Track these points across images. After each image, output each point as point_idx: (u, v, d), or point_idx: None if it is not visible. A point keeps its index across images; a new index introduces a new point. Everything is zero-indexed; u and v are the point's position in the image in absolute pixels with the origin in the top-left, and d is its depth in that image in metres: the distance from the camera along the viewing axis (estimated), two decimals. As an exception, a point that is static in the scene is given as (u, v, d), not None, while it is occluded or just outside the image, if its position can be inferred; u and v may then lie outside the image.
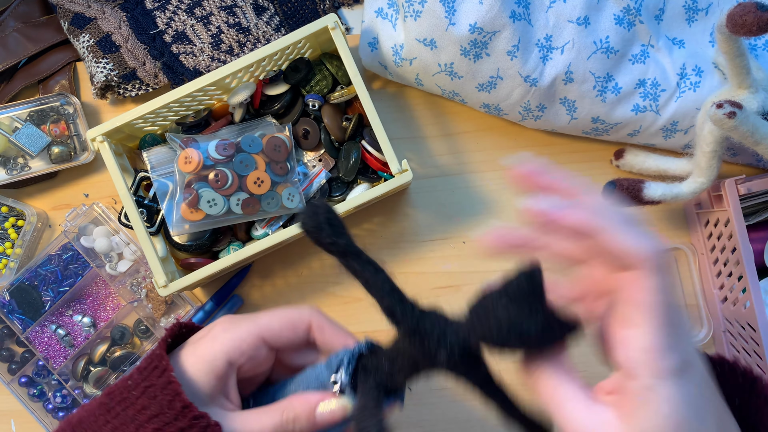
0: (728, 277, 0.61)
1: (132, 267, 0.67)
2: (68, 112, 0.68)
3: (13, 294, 0.67)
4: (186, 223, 0.60)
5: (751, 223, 0.61)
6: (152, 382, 0.41)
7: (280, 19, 0.69)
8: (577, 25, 0.59)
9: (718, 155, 0.55)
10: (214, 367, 0.42)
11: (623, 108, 0.61)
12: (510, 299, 0.35)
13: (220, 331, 0.44)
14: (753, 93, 0.54)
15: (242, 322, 0.45)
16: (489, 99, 0.62)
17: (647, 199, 0.57)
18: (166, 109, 0.61)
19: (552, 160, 0.68)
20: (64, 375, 0.67)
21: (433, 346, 0.39)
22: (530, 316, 0.34)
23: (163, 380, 0.40)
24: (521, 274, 0.34)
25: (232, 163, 0.60)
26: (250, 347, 0.43)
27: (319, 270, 0.68)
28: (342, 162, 0.64)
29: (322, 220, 0.38)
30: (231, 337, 0.43)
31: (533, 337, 0.35)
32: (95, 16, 0.69)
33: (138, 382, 0.42)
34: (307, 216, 0.38)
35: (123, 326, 0.68)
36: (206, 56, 0.67)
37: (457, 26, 0.57)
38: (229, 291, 0.67)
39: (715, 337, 0.65)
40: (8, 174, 0.68)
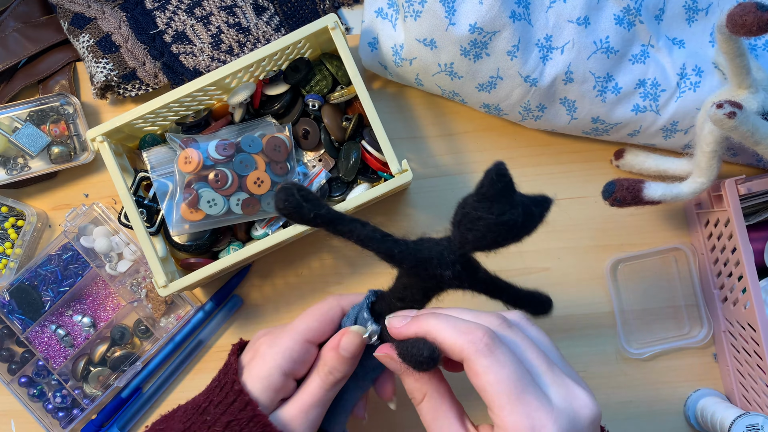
0: (728, 277, 0.61)
1: (132, 267, 0.67)
2: (68, 112, 0.68)
3: (13, 294, 0.67)
4: (186, 223, 0.60)
5: (751, 223, 0.61)
6: (235, 416, 0.45)
7: (280, 19, 0.69)
8: (577, 25, 0.59)
9: (718, 155, 0.55)
10: (270, 383, 0.46)
11: (623, 108, 0.61)
12: (490, 200, 0.38)
13: (266, 348, 0.47)
14: (753, 93, 0.54)
15: (283, 334, 0.48)
16: (489, 99, 0.62)
17: (647, 199, 0.57)
18: (166, 109, 0.61)
19: (552, 160, 0.68)
20: (64, 375, 0.67)
21: (437, 269, 0.42)
22: (513, 207, 0.38)
23: (247, 414, 0.44)
24: (491, 173, 0.37)
25: (232, 163, 0.60)
26: (300, 354, 0.47)
27: (319, 270, 0.68)
28: (342, 162, 0.64)
29: (299, 198, 0.40)
30: (279, 351, 0.47)
31: (520, 224, 0.38)
32: (95, 16, 0.69)
33: (217, 418, 0.45)
34: (282, 199, 0.40)
35: (123, 326, 0.68)
36: (206, 56, 0.67)
37: (457, 26, 0.57)
38: (229, 291, 0.67)
39: (715, 337, 0.65)
40: (8, 174, 0.68)
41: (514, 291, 0.47)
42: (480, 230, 0.39)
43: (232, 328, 0.68)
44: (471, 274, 0.43)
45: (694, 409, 0.64)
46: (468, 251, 0.42)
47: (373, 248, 0.42)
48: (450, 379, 0.45)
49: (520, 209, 0.38)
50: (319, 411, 0.46)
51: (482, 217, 0.38)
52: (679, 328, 0.67)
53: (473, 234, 0.39)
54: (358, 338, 0.46)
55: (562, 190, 0.68)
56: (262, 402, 0.45)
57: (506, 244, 0.40)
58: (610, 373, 0.66)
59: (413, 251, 0.42)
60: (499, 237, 0.39)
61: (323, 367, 0.46)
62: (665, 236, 0.67)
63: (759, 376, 0.58)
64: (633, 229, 0.67)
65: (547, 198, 0.41)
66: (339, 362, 0.46)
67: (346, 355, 0.46)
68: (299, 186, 0.40)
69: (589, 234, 0.67)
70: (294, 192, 0.39)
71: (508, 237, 0.39)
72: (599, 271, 0.67)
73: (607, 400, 0.66)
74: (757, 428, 0.56)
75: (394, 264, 0.43)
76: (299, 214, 0.40)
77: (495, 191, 0.37)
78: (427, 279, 0.43)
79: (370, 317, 0.46)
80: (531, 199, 0.40)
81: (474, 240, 0.39)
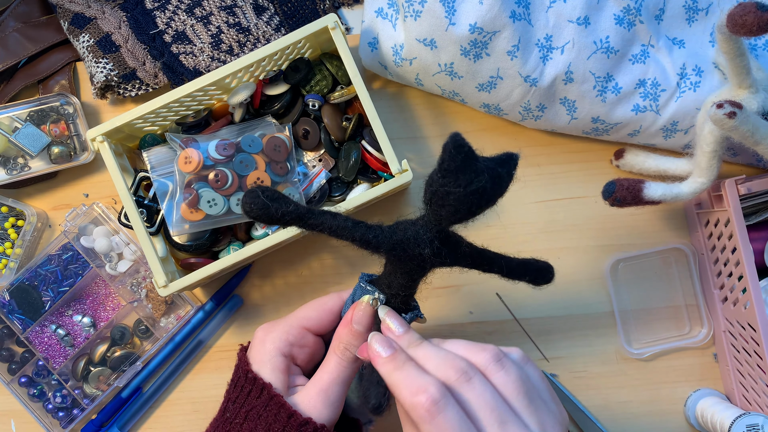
0: (728, 277, 0.61)
1: (132, 267, 0.67)
2: (68, 112, 0.68)
3: (13, 294, 0.67)
4: (186, 223, 0.60)
5: (751, 223, 0.61)
6: (253, 404, 0.45)
7: (280, 19, 0.69)
8: (577, 25, 0.59)
9: (718, 155, 0.55)
10: (275, 365, 0.47)
11: (623, 108, 0.61)
12: (454, 173, 0.37)
13: (263, 335, 0.49)
14: (753, 93, 0.54)
15: (281, 321, 0.50)
16: (489, 99, 0.62)
17: (647, 199, 0.57)
18: (166, 109, 0.61)
19: (552, 160, 0.68)
20: (64, 375, 0.67)
21: (415, 249, 0.42)
22: (478, 174, 0.38)
23: (264, 398, 0.45)
24: (449, 147, 0.37)
25: (232, 163, 0.60)
26: (295, 337, 0.48)
27: (319, 270, 0.68)
28: (342, 162, 0.64)
29: (265, 199, 0.40)
30: (276, 335, 0.48)
31: (489, 189, 0.38)
32: (95, 16, 0.69)
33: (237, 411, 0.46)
34: (248, 203, 0.40)
35: (123, 326, 0.68)
36: (206, 56, 0.67)
37: (457, 26, 0.57)
38: (229, 291, 0.67)
39: (715, 337, 0.65)
40: (8, 174, 0.68)
41: (506, 261, 0.47)
42: (452, 204, 0.39)
43: (232, 328, 0.68)
44: (452, 249, 0.43)
45: (694, 409, 0.64)
46: (445, 227, 0.42)
47: (348, 237, 0.42)
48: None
49: (486, 175, 0.38)
50: (339, 389, 0.46)
51: (451, 191, 0.38)
52: (679, 328, 0.67)
53: (446, 210, 0.39)
54: (368, 307, 0.46)
55: (562, 190, 0.68)
56: (274, 384, 0.46)
57: (482, 211, 0.40)
58: (610, 373, 0.66)
59: (389, 235, 0.42)
60: (473, 206, 0.39)
61: (338, 345, 0.47)
62: (665, 236, 0.67)
63: (759, 376, 0.58)
64: (633, 229, 0.67)
65: (512, 155, 0.41)
66: (353, 336, 0.46)
67: (359, 328, 0.46)
68: (263, 188, 0.41)
69: (589, 234, 0.67)
70: (259, 194, 0.40)
71: (482, 204, 0.40)
72: (599, 271, 0.67)
73: (607, 400, 0.66)
74: (757, 428, 0.56)
75: (373, 250, 0.43)
76: (267, 215, 0.40)
77: (457, 164, 0.37)
78: (407, 261, 0.43)
79: (374, 288, 0.46)
80: (495, 161, 0.40)
81: (448, 215, 0.40)
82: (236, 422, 0.45)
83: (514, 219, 0.68)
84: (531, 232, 0.67)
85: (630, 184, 0.57)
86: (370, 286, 0.47)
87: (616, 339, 0.66)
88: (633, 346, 0.66)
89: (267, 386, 0.45)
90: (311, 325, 0.49)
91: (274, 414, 0.44)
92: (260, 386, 0.45)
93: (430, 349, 0.42)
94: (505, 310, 0.67)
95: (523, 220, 0.67)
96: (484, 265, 0.46)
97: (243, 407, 0.45)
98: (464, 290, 0.67)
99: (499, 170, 0.40)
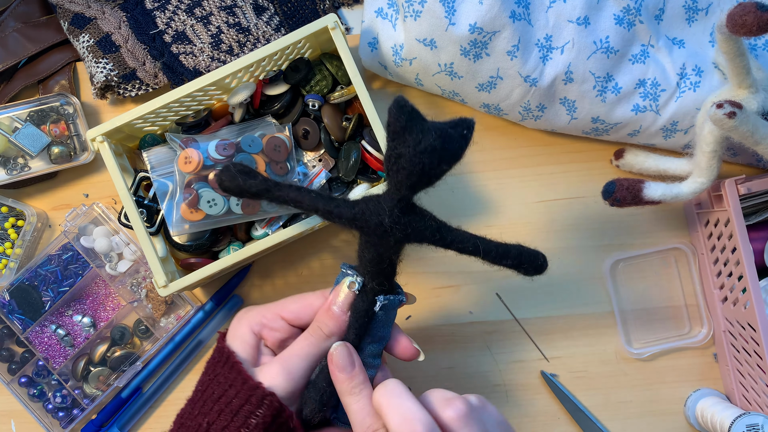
0: (728, 277, 0.61)
1: (132, 267, 0.67)
2: (68, 112, 0.68)
3: (13, 294, 0.67)
4: (186, 223, 0.60)
5: (751, 223, 0.61)
6: (218, 370, 0.48)
7: (280, 19, 0.69)
8: (577, 25, 0.59)
9: (718, 155, 0.55)
10: (243, 339, 0.50)
11: (623, 108, 0.61)
12: (401, 133, 0.38)
13: (241, 314, 0.52)
14: (753, 93, 0.54)
15: (261, 305, 0.52)
16: (489, 99, 0.62)
17: (647, 199, 0.57)
18: (166, 109, 0.61)
19: (552, 160, 0.68)
20: (64, 375, 0.67)
21: (375, 218, 0.42)
22: (426, 133, 0.38)
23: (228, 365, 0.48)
24: (392, 108, 0.38)
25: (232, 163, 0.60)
26: (268, 320, 0.50)
27: (319, 270, 0.68)
28: (342, 162, 0.64)
29: (235, 172, 0.44)
30: (251, 315, 0.51)
31: (440, 148, 0.39)
32: (95, 16, 0.69)
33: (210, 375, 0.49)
34: (221, 175, 0.45)
35: (123, 326, 0.68)
36: (206, 56, 0.67)
37: (457, 26, 0.57)
38: (229, 291, 0.67)
39: (715, 337, 0.65)
40: (8, 174, 0.68)
41: (482, 242, 0.46)
42: (405, 166, 0.39)
43: (232, 328, 0.68)
44: (415, 220, 0.43)
45: (694, 409, 0.64)
46: (406, 195, 0.42)
47: (311, 208, 0.44)
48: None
49: (434, 133, 0.38)
50: (300, 363, 0.47)
51: (401, 153, 0.38)
52: (679, 328, 0.67)
53: (401, 174, 0.40)
54: (346, 290, 0.48)
55: (562, 190, 0.68)
56: (242, 356, 0.48)
57: (439, 173, 0.40)
58: (610, 373, 0.66)
59: (351, 205, 0.43)
60: (426, 167, 0.39)
61: (313, 324, 0.49)
62: (665, 236, 0.67)
63: (759, 376, 0.58)
64: (633, 229, 0.67)
65: (465, 118, 0.41)
66: (328, 316, 0.48)
67: (336, 309, 0.48)
68: (236, 163, 0.45)
69: (589, 234, 0.67)
70: (230, 168, 0.44)
71: (434, 164, 0.39)
72: (599, 271, 0.67)
73: (607, 400, 0.66)
74: (757, 428, 0.56)
75: (336, 221, 0.44)
76: (237, 186, 0.44)
77: (402, 124, 0.38)
78: (371, 233, 0.43)
79: (354, 272, 0.47)
80: (447, 123, 0.40)
81: (404, 179, 0.40)
82: (206, 387, 0.48)
83: (514, 219, 0.68)
84: (531, 232, 0.67)
85: (630, 184, 0.57)
86: (350, 270, 0.48)
87: (616, 339, 0.66)
88: (633, 346, 0.66)
89: (231, 354, 0.48)
90: (287, 315, 0.51)
91: (233, 378, 0.46)
92: (226, 355, 0.48)
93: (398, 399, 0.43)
94: (505, 310, 0.67)
95: (523, 220, 0.67)
96: (455, 243, 0.46)
97: (212, 374, 0.49)
98: (464, 290, 0.67)
99: (450, 131, 0.40)
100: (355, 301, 0.48)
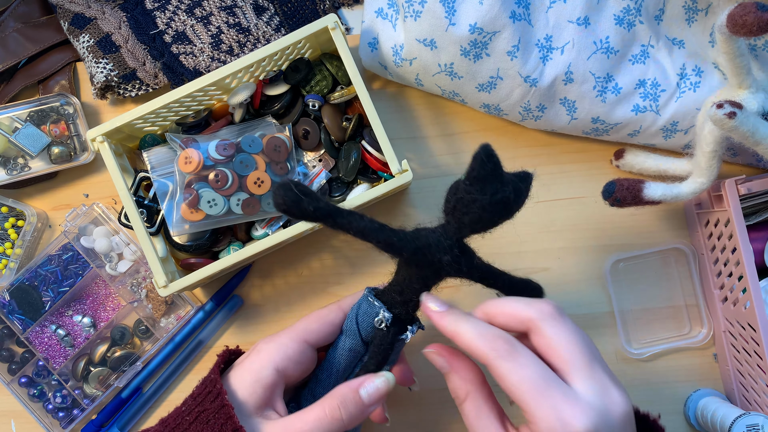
0: (728, 277, 0.61)
1: (132, 267, 0.67)
2: (68, 112, 0.68)
3: (13, 294, 0.67)
4: (186, 223, 0.60)
5: (751, 223, 0.61)
6: (206, 407, 0.43)
7: (280, 19, 0.69)
8: (577, 25, 0.59)
9: (718, 155, 0.55)
10: (261, 377, 0.44)
11: (623, 108, 0.61)
12: (481, 181, 0.39)
13: (263, 345, 0.47)
14: (753, 93, 0.54)
15: (282, 333, 0.47)
16: (489, 99, 0.62)
17: (647, 199, 0.57)
18: (166, 109, 0.61)
19: (552, 160, 0.68)
20: (64, 375, 0.67)
21: (436, 255, 0.43)
22: (504, 185, 0.40)
23: (216, 404, 0.42)
24: (480, 156, 0.39)
25: (232, 163, 0.60)
26: (295, 352, 0.46)
27: (319, 270, 0.68)
28: (342, 162, 0.64)
29: (297, 192, 0.40)
30: (275, 346, 0.46)
31: (512, 201, 0.41)
32: (95, 16, 0.69)
33: (192, 408, 0.44)
34: (281, 195, 0.40)
35: (123, 326, 0.68)
36: (206, 56, 0.67)
37: (457, 26, 0.57)
38: (229, 291, 0.67)
39: (715, 337, 0.65)
40: (8, 174, 0.68)
41: (508, 279, 0.48)
42: (476, 212, 0.40)
43: (233, 329, 0.68)
44: (468, 259, 0.45)
45: (694, 409, 0.64)
46: (464, 235, 0.43)
47: (373, 239, 0.43)
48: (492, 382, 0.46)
49: (511, 186, 0.40)
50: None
51: (477, 199, 0.40)
52: (679, 328, 0.67)
53: (470, 217, 0.41)
54: (385, 386, 0.45)
55: (562, 190, 0.68)
56: (242, 395, 0.43)
57: (500, 222, 0.42)
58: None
59: (411, 239, 0.43)
60: (495, 215, 0.41)
61: (332, 402, 0.43)
62: (665, 236, 0.67)
63: (759, 376, 0.58)
64: (633, 229, 0.67)
65: (529, 173, 0.43)
66: (354, 403, 0.43)
67: (366, 400, 0.44)
68: (296, 182, 0.41)
69: (589, 234, 0.67)
70: (292, 187, 0.40)
71: (502, 214, 0.42)
72: (599, 271, 0.67)
73: (607, 400, 0.66)
74: (757, 428, 0.56)
75: (394, 253, 0.44)
76: (299, 209, 0.40)
77: (486, 172, 0.39)
78: (425, 267, 0.44)
79: (382, 305, 0.47)
80: (516, 176, 0.42)
81: (471, 222, 0.41)
82: (187, 419, 0.43)
83: (515, 219, 0.67)
84: (531, 232, 0.67)
85: (630, 184, 0.57)
86: (377, 302, 0.47)
87: (616, 339, 0.66)
88: (633, 346, 0.66)
89: (222, 393, 0.43)
90: (312, 338, 0.47)
91: (221, 424, 0.41)
92: (216, 391, 0.43)
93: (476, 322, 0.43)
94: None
95: (523, 220, 0.67)
96: (489, 279, 0.47)
97: (198, 406, 0.44)
98: (464, 290, 0.67)
99: (520, 185, 0.42)
100: (383, 333, 0.47)
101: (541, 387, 0.38)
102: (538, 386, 0.38)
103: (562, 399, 0.37)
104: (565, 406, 0.37)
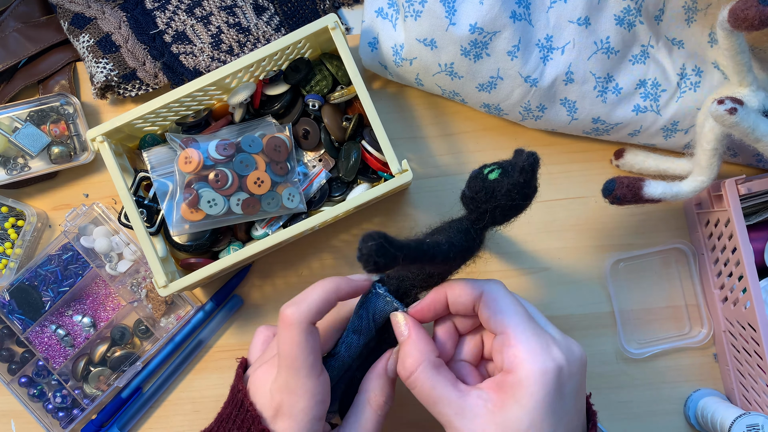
0: (728, 277, 0.61)
1: (132, 267, 0.67)
2: (68, 112, 0.68)
3: (13, 294, 0.67)
4: (186, 223, 0.60)
5: (751, 223, 0.61)
6: None
7: (280, 19, 0.69)
8: (578, 25, 0.59)
9: (719, 153, 0.55)
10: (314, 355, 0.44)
11: (624, 108, 0.61)
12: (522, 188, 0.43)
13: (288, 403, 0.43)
14: (754, 90, 0.54)
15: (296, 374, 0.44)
16: (489, 99, 0.62)
17: (647, 197, 0.57)
18: (166, 109, 0.61)
19: (552, 160, 0.68)
20: (64, 375, 0.67)
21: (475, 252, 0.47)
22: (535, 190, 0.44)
23: None
24: (532, 169, 0.43)
25: (232, 163, 0.60)
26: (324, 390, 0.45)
27: (319, 270, 0.68)
28: (342, 162, 0.64)
29: (390, 248, 0.38)
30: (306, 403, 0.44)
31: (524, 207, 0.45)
32: (95, 16, 0.69)
33: None
34: (376, 256, 0.37)
35: (123, 326, 0.68)
36: (206, 56, 0.67)
37: (457, 26, 0.57)
38: (229, 291, 0.67)
39: (715, 337, 0.65)
40: (8, 174, 0.68)
41: None
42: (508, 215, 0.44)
43: (233, 328, 0.68)
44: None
45: (694, 409, 0.64)
46: (487, 226, 0.46)
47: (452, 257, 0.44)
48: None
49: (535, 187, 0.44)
50: None
51: (517, 205, 0.44)
52: (679, 328, 0.67)
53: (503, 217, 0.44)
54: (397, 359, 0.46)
55: (562, 190, 0.68)
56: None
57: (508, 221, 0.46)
58: (610, 373, 0.66)
59: (471, 238, 0.45)
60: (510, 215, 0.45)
61: (376, 398, 0.45)
62: (665, 236, 0.67)
63: (759, 376, 0.58)
64: (633, 229, 0.67)
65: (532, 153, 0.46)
66: (392, 388, 0.46)
67: (392, 375, 0.46)
68: (378, 232, 0.37)
69: (589, 234, 0.67)
70: (384, 245, 0.37)
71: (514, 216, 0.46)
72: (599, 271, 0.67)
73: (607, 400, 0.66)
74: (757, 428, 0.56)
75: (449, 265, 0.45)
76: (393, 261, 0.38)
77: (531, 182, 0.43)
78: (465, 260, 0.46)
79: (394, 299, 0.47)
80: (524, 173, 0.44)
81: (496, 220, 0.45)
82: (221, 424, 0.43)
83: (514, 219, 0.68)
84: (531, 232, 0.67)
85: (630, 182, 0.57)
86: (389, 296, 0.47)
87: (616, 339, 0.66)
88: (633, 346, 0.66)
89: (256, 418, 0.42)
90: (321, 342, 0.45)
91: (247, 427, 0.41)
92: (251, 417, 0.42)
93: None
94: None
95: (523, 220, 0.67)
96: None
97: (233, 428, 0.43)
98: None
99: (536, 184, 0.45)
100: None
101: (532, 324, 0.42)
102: (530, 324, 0.42)
103: (550, 339, 0.42)
104: (552, 346, 0.41)
